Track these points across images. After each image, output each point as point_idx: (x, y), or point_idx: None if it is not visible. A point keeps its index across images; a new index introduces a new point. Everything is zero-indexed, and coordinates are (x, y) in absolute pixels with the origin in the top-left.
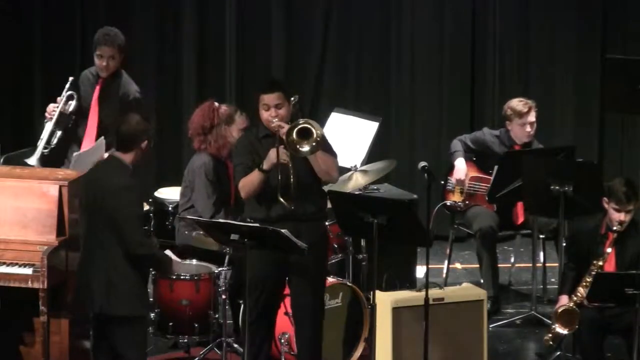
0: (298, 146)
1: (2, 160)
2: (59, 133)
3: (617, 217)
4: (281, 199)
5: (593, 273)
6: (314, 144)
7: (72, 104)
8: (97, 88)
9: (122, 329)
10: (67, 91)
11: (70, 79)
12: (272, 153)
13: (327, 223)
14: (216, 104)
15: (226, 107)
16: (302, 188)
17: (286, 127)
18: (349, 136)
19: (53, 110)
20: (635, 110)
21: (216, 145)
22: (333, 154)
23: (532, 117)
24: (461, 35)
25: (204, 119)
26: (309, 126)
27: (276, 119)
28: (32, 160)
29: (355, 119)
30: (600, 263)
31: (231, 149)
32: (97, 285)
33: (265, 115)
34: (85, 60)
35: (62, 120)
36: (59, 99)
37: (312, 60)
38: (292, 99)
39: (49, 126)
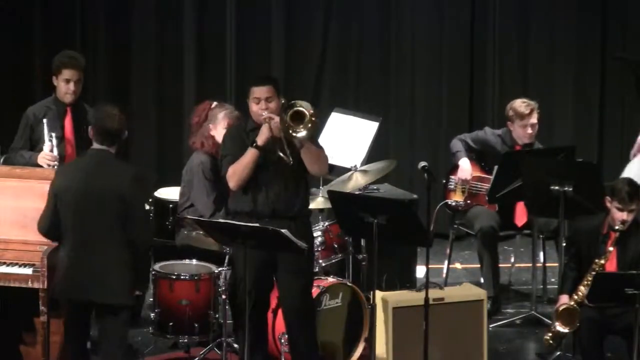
0: (294, 131)
1: (2, 160)
2: None
3: (620, 216)
4: (280, 154)
5: (594, 272)
6: (309, 125)
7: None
8: (68, 118)
9: (110, 318)
10: (50, 135)
11: (45, 120)
12: (265, 128)
13: (326, 223)
14: (214, 103)
15: (220, 106)
16: (288, 184)
17: (276, 118)
18: (349, 136)
19: (51, 158)
20: None
21: (204, 142)
22: (320, 147)
23: (534, 118)
24: (461, 35)
25: (195, 117)
26: (301, 109)
27: (266, 112)
28: None
29: (355, 119)
30: (602, 262)
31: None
32: (92, 273)
33: (255, 108)
34: (85, 60)
35: None
36: (48, 144)
37: (312, 60)
38: (283, 101)
39: None
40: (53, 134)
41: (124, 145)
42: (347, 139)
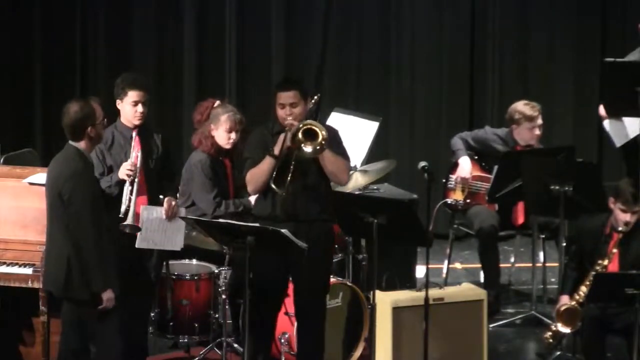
0: (302, 145)
1: (2, 160)
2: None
3: (624, 217)
4: (272, 185)
5: (595, 273)
6: (317, 147)
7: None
8: (137, 140)
9: (67, 311)
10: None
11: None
12: (282, 137)
13: None
14: (217, 102)
15: (222, 106)
16: (307, 188)
17: (298, 124)
18: (349, 136)
19: (130, 165)
20: (635, 113)
21: (202, 141)
22: (345, 158)
23: (540, 120)
24: (461, 35)
25: (197, 115)
26: (314, 128)
27: (290, 117)
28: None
29: (355, 119)
30: (605, 262)
31: (220, 147)
32: (58, 269)
33: (280, 113)
34: (84, 60)
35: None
36: (133, 157)
37: (312, 60)
38: (315, 97)
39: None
40: (139, 152)
41: None
42: (347, 139)
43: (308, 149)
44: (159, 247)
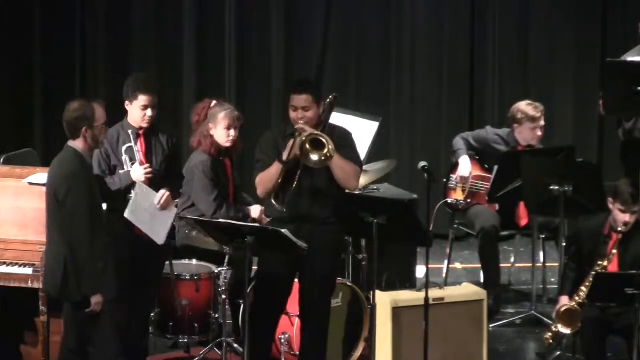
0: (310, 154)
1: (2, 160)
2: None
3: (622, 218)
4: (272, 200)
5: (595, 273)
6: (323, 157)
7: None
8: (141, 141)
9: (65, 311)
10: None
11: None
12: (291, 143)
13: None
14: (214, 101)
15: (219, 105)
16: (316, 191)
17: (309, 130)
18: None
19: (147, 167)
20: (634, 113)
21: (201, 141)
22: (357, 163)
23: (543, 120)
24: (461, 35)
25: (195, 116)
26: (321, 139)
27: (302, 121)
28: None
29: (355, 119)
30: (605, 263)
31: (220, 147)
32: (55, 270)
33: (292, 115)
34: (84, 60)
35: None
36: (137, 162)
37: (312, 61)
38: (330, 97)
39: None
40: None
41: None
42: None
43: (314, 157)
44: (142, 228)
